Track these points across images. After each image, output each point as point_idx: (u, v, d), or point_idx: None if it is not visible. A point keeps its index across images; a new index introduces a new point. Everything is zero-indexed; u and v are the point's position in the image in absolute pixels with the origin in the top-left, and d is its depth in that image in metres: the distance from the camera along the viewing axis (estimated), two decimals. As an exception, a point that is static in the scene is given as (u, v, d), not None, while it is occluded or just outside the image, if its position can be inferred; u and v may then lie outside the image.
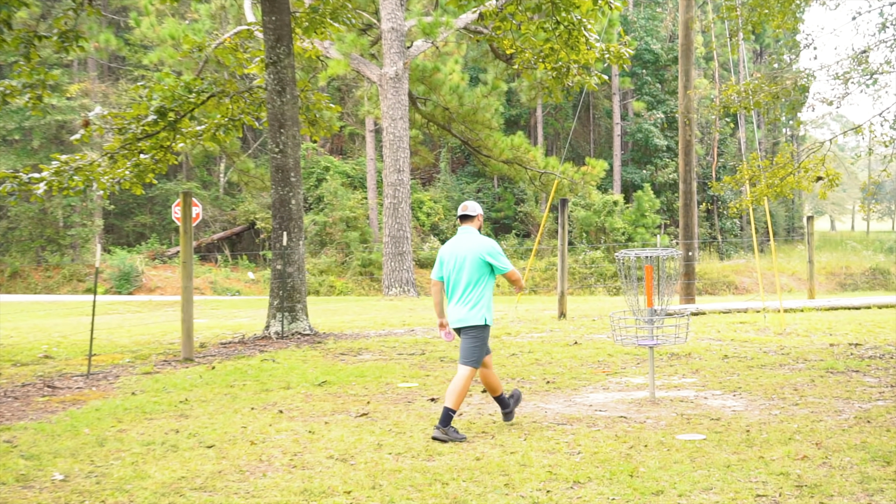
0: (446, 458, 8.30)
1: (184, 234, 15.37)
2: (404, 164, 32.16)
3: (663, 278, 11.33)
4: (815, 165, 16.43)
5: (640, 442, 8.83)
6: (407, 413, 10.46)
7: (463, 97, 37.01)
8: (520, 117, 59.21)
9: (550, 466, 7.95)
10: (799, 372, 12.91)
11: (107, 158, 19.07)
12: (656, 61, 58.42)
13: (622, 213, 50.33)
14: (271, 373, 13.48)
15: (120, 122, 19.30)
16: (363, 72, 33.41)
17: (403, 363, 14.39)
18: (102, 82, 51.68)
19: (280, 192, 17.71)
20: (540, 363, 14.17)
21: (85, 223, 46.30)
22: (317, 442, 9.04)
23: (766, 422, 9.64)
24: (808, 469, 7.73)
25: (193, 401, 11.47)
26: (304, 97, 21.29)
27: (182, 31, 32.43)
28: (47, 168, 18.10)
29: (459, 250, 9.56)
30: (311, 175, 50.08)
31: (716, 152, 57.39)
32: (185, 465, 8.28)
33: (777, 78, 16.55)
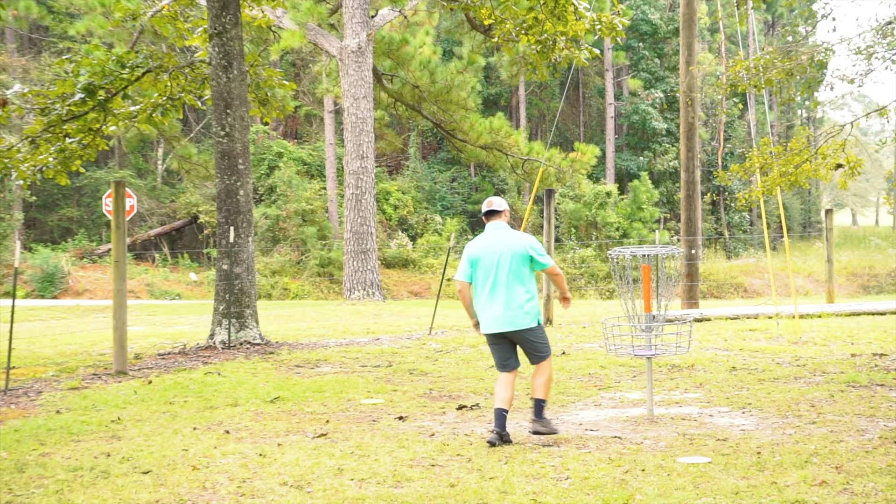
0: (416, 485, 8.30)
1: (116, 229, 15.29)
2: (368, 149, 32.14)
3: (663, 280, 11.37)
4: (834, 151, 16.51)
5: (636, 465, 8.85)
6: (371, 433, 10.46)
7: (435, 73, 36.99)
8: (500, 97, 59.28)
9: (535, 494, 7.97)
10: (816, 386, 12.97)
11: (27, 143, 18.95)
12: (654, 33, 58.63)
13: (616, 205, 50.54)
14: (216, 388, 13.45)
15: (42, 101, 19.18)
16: (321, 44, 33.38)
17: (367, 376, 14.39)
18: (23, 56, 51.39)
19: (226, 182, 17.66)
20: (522, 376, 14.19)
21: (2, 217, 46.02)
22: (268, 467, 9.03)
23: (779, 442, 9.68)
24: (827, 496, 7.76)
25: (127, 420, 11.42)
26: (254, 73, 21.23)
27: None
28: (-42, 154, 17.98)
29: (496, 246, 9.87)
30: (262, 162, 49.99)
31: (722, 137, 57.68)
32: (118, 493, 8.24)
33: (791, 52, 16.62)
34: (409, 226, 51.06)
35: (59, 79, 19.85)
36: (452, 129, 38.75)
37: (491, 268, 9.83)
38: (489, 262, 9.85)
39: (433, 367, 15.33)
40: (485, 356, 16.31)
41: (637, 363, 14.89)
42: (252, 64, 20.96)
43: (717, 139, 59.51)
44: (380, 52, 35.95)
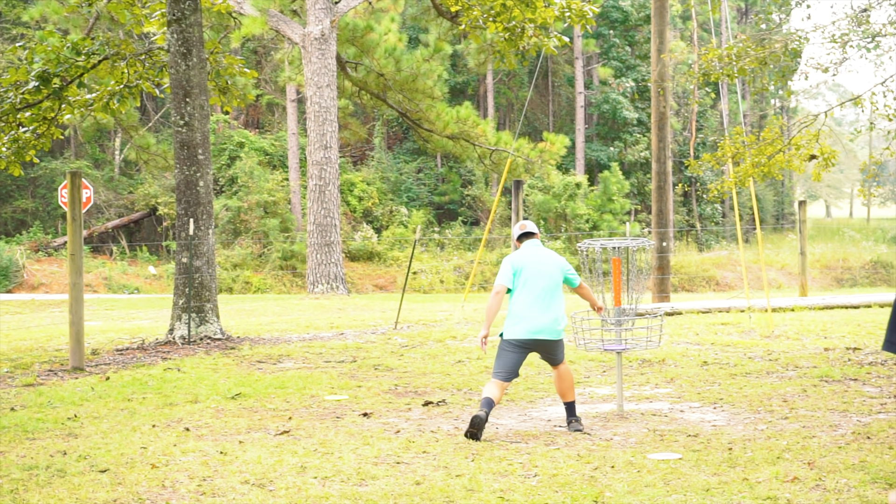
0: (381, 483, 8.30)
1: (72, 221, 15.22)
2: (332, 139, 32.10)
3: (633, 273, 11.41)
4: (807, 142, 16.60)
5: (605, 462, 8.89)
6: (335, 430, 10.46)
7: (400, 61, 36.94)
8: (467, 85, 59.26)
9: (502, 491, 7.99)
10: (789, 381, 13.05)
11: (-20, 132, 18.84)
12: (625, 21, 58.74)
13: (586, 196, 50.60)
14: (176, 384, 13.42)
15: (-5, 89, 19.09)
16: (283, 31, 33.30)
17: (331, 372, 14.38)
18: (-26, 42, 51.04)
19: (186, 173, 17.61)
20: (490, 371, 14.22)
21: (-46, 209, 45.88)
22: (229, 465, 9.02)
23: (751, 438, 9.74)
24: (799, 493, 7.81)
25: (84, 417, 11.39)
26: (214, 60, 21.15)
27: (69, -18, 32.12)
28: None
29: (542, 259, 10.57)
30: (223, 152, 49.82)
31: (694, 127, 57.85)
32: (74, 492, 8.22)
33: (765, 41, 16.69)
34: (374, 218, 50.98)
35: (12, 66, 19.74)
36: (418, 119, 38.71)
37: (538, 278, 10.38)
38: (535, 272, 10.42)
39: (399, 362, 15.34)
40: (451, 351, 16.33)
41: (607, 358, 14.95)
42: (212, 51, 20.88)
43: (688, 129, 59.68)
44: (344, 39, 35.88)
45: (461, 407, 11.76)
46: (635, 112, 57.71)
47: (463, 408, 11.70)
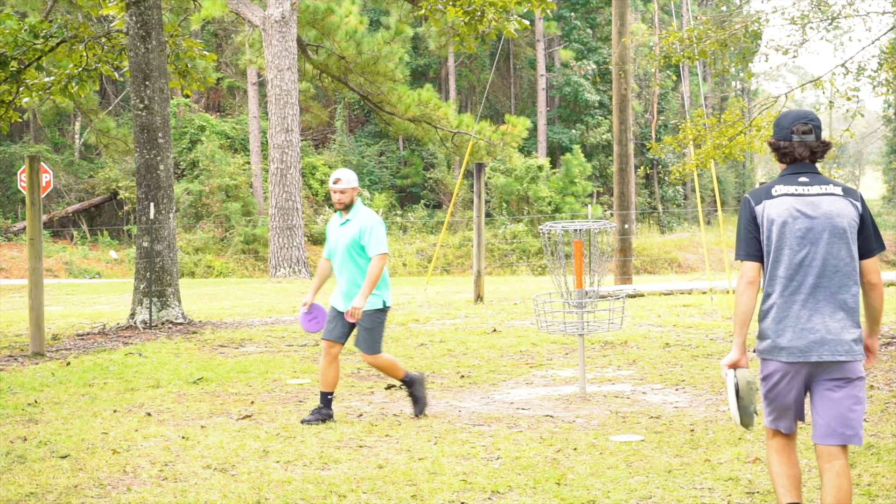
0: (344, 467, 8.30)
1: (31, 206, 15.13)
2: (293, 122, 32.01)
3: (595, 255, 11.43)
4: (768, 124, 16.65)
5: (568, 444, 8.91)
6: (298, 414, 10.46)
7: (361, 44, 36.89)
8: (428, 68, 59.24)
9: (465, 474, 7.99)
10: (751, 362, 13.11)
11: (-63, 116, 18.71)
12: (587, 3, 58.85)
13: (548, 179, 50.67)
14: (137, 369, 13.38)
15: (-48, 73, 18.97)
16: (243, 13, 33.17)
17: (294, 356, 14.37)
18: (-69, 25, 50.59)
19: (146, 157, 17.53)
20: (453, 354, 14.24)
21: (-88, 193, 45.66)
22: (191, 449, 9.00)
23: (713, 420, 9.79)
24: (760, 473, 7.86)
25: (44, 403, 11.34)
26: (174, 43, 21.05)
27: (27, -35, 31.87)
28: None
29: None
30: (184, 136, 49.63)
31: (655, 109, 58.05)
32: (35, 478, 8.18)
33: (725, 23, 16.75)
34: (336, 201, 50.92)
35: (-31, 49, 19.56)
36: (380, 102, 38.67)
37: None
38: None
39: (361, 345, 15.34)
40: (414, 334, 16.34)
41: (569, 340, 14.98)
42: (171, 34, 20.77)
43: (650, 111, 59.90)
44: (304, 21, 35.80)
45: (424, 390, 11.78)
46: (597, 94, 57.83)
47: (426, 391, 11.70)
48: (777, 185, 5.98)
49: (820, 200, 5.87)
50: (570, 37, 59.12)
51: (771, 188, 6.00)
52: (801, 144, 5.94)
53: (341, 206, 9.95)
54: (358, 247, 9.84)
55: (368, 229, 9.78)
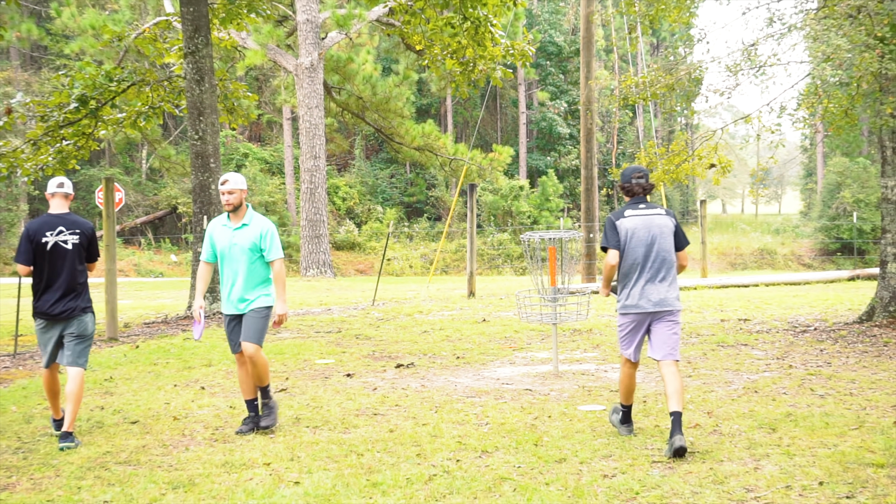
0: (361, 431, 8.31)
1: (107, 218, 15.17)
2: (320, 150, 32.02)
3: (566, 259, 11.44)
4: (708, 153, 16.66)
5: (544, 413, 8.92)
6: (324, 388, 10.46)
7: (376, 87, 36.90)
8: (430, 106, 59.18)
9: (460, 437, 8.01)
10: (692, 346, 13.12)
11: (30, 145, 18.72)
12: (559, 53, 58.76)
13: (528, 197, 50.65)
14: (193, 351, 13.38)
15: (42, 109, 18.95)
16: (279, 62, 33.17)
17: (321, 341, 14.37)
18: (25, 71, 50.60)
19: (200, 178, 17.54)
20: (450, 339, 14.24)
21: (10, 208, 45.63)
22: (238, 417, 9.01)
23: (661, 393, 9.79)
24: (700, 436, 7.87)
25: (118, 378, 11.35)
26: (223, 86, 21.06)
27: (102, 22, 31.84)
28: (-29, 155, 17.73)
29: None
30: (231, 161, 49.60)
31: (615, 140, 57.98)
32: (111, 440, 8.20)
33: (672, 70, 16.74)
34: (356, 215, 50.88)
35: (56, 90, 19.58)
36: (391, 134, 38.68)
37: None
38: None
39: (376, 332, 15.34)
40: (418, 323, 16.34)
41: (544, 328, 14.98)
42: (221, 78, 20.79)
43: (611, 142, 59.80)
44: (329, 68, 35.81)
45: (427, 369, 11.78)
46: (567, 128, 57.77)
47: (428, 369, 11.71)
48: (627, 209, 7.94)
49: (652, 218, 7.87)
50: (546, 81, 59.07)
51: (623, 211, 7.95)
52: (637, 185, 8.00)
53: (230, 208, 8.52)
54: (256, 250, 8.48)
55: (269, 235, 8.52)
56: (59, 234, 8.51)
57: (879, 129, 14.07)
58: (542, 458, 7.27)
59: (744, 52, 14.98)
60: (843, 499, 6.16)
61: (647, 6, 16.61)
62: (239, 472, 7.12)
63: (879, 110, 13.59)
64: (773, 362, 11.57)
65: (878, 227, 20.11)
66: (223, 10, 20.13)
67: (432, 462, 7.25)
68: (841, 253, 45.45)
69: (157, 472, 7.16)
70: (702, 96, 17.31)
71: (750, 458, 7.18)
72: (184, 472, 7.16)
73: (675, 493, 6.35)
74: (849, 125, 14.99)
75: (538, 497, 6.30)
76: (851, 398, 9.23)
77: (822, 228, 47.88)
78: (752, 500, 6.18)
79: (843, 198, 47.38)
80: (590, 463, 7.14)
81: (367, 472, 7.01)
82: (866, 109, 14.16)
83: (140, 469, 7.27)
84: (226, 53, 31.64)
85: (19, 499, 6.56)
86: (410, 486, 6.62)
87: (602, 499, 6.27)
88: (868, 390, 9.60)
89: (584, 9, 25.05)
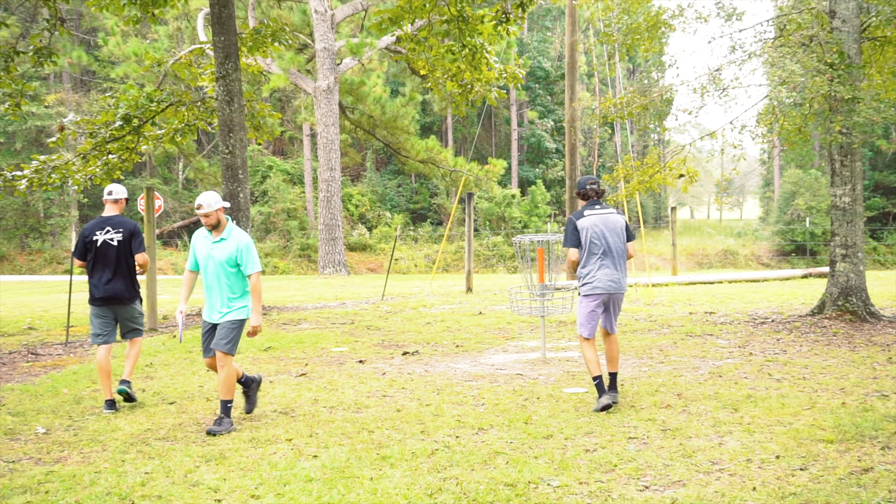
0: (372, 410, 8.32)
1: (147, 223, 15.18)
2: (336, 163, 32.02)
3: (553, 259, 11.44)
4: (677, 165, 16.66)
5: (533, 395, 8.93)
6: (339, 373, 10.47)
7: (385, 107, 36.94)
8: (433, 124, 59.11)
9: (459, 416, 8.01)
10: (664, 336, 13.13)
11: (80, 158, 18.73)
12: (547, 77, 58.72)
13: (519, 204, 50.57)
14: (224, 340, 13.37)
15: (91, 127, 18.97)
16: (300, 85, 33.17)
17: (336, 331, 14.38)
18: (75, 93, 50.63)
19: (230, 187, 17.54)
20: (450, 330, 14.25)
21: (62, 214, 45.74)
22: (263, 398, 9.01)
23: (636, 377, 9.80)
24: (670, 416, 7.88)
25: (157, 364, 11.36)
26: (250, 106, 21.06)
27: (144, 49, 31.86)
28: (28, 167, 17.74)
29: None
30: (257, 173, 49.57)
31: (596, 154, 57.95)
32: (151, 418, 8.21)
33: (646, 92, 16.74)
34: (367, 220, 50.80)
35: (103, 110, 19.61)
36: (398, 148, 38.70)
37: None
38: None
39: (385, 324, 15.35)
40: (422, 316, 16.34)
41: (534, 320, 15.00)
42: (248, 99, 20.79)
43: (592, 156, 59.75)
44: (344, 90, 35.82)
45: (430, 356, 11.78)
46: (554, 143, 57.71)
47: (431, 356, 11.72)
48: (585, 210, 8.49)
49: (607, 216, 8.43)
50: (535, 102, 59.02)
51: (582, 212, 8.48)
52: (591, 190, 8.57)
53: (210, 227, 8.04)
54: (233, 264, 7.99)
55: (245, 249, 8.00)
56: (106, 233, 8.96)
57: (829, 144, 14.10)
58: (532, 435, 7.27)
59: (709, 76, 14.99)
60: (797, 471, 6.17)
61: (624, 36, 16.62)
62: (264, 446, 7.13)
63: (829, 128, 13.61)
64: (736, 350, 11.58)
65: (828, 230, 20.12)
66: (251, 40, 20.16)
67: (435, 438, 7.26)
68: (795, 254, 45.38)
69: (191, 447, 7.17)
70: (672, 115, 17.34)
71: (715, 434, 7.19)
72: (215, 446, 7.16)
73: (649, 466, 6.36)
74: (802, 141, 14.99)
75: (528, 469, 6.31)
76: (805, 382, 9.24)
77: (778, 232, 47.79)
78: (716, 472, 6.19)
79: (797, 205, 47.32)
80: (573, 439, 7.15)
81: (377, 446, 7.02)
82: (818, 127, 14.17)
83: (177, 444, 7.28)
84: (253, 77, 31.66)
85: (70, 470, 6.58)
86: (415, 459, 6.63)
87: (584, 471, 6.28)
88: (819, 375, 9.61)
89: (569, 38, 25.07)
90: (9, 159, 43.88)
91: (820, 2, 14.94)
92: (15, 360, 12.08)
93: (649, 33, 16.25)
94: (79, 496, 5.98)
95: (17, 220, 45.37)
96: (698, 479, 6.04)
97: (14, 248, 44.84)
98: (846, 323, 13.50)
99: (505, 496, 5.76)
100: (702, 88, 15.00)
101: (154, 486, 6.15)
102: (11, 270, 42.50)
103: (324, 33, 31.43)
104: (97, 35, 43.32)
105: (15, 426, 8.05)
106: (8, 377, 10.74)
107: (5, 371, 11.23)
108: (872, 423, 7.36)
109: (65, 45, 42.00)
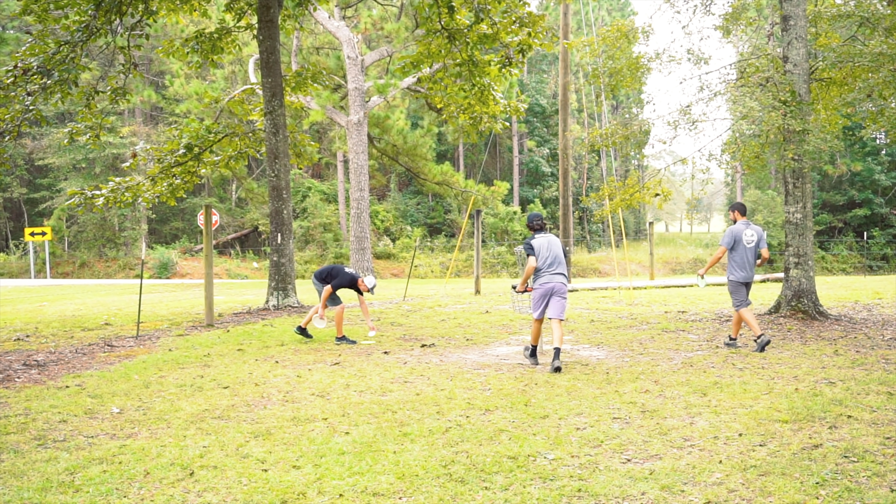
0: (395, 394, 8.31)
1: (206, 235, 15.21)
2: (365, 184, 32.02)
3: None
4: (654, 186, 16.63)
5: (532, 381, 8.90)
6: (367, 362, 10.46)
7: (406, 137, 36.94)
8: (447, 151, 59.14)
9: (469, 399, 8.00)
10: (643, 331, 13.08)
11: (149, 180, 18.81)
12: (543, 112, 58.72)
13: (520, 219, 50.55)
14: (270, 334, 13.40)
15: (158, 154, 19.06)
16: (335, 118, 33.20)
17: (365, 326, 14.37)
18: (146, 125, 50.88)
19: (276, 205, 17.58)
20: (462, 326, 14.22)
21: (134, 227, 45.99)
22: (303, 383, 9.01)
23: (620, 366, 9.77)
24: (649, 399, 7.85)
25: (214, 355, 11.37)
26: (293, 137, 21.15)
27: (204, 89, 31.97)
28: (105, 187, 17.82)
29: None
30: (298, 193, 49.68)
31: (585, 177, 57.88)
32: (208, 400, 8.21)
33: (628, 124, 16.72)
34: (391, 233, 50.82)
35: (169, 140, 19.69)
36: (417, 172, 38.67)
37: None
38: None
39: (406, 320, 15.34)
40: (438, 314, 16.32)
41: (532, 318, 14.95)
42: (291, 131, 20.89)
43: (582, 178, 59.69)
44: (372, 123, 35.87)
45: (444, 348, 11.76)
46: (549, 168, 57.67)
47: (445, 348, 11.70)
48: (536, 235, 9.86)
49: (550, 238, 9.82)
50: (533, 133, 59.00)
51: (534, 236, 9.82)
52: (537, 224, 9.92)
53: None
54: None
55: None
56: None
57: (783, 169, 14.05)
58: (531, 415, 7.25)
59: (681, 111, 14.96)
60: (757, 446, 6.13)
61: (609, 78, 16.60)
62: (303, 424, 7.12)
63: (783, 155, 13.57)
64: (704, 343, 11.54)
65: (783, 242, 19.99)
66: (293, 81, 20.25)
67: (448, 418, 7.24)
68: (755, 261, 45.21)
69: (242, 425, 7.17)
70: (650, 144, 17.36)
71: (687, 415, 7.15)
72: (262, 424, 7.16)
73: (631, 442, 6.33)
74: (760, 166, 14.94)
75: (528, 444, 6.29)
76: (763, 370, 9.19)
77: (740, 243, 47.60)
78: (688, 447, 6.16)
79: (756, 221, 47.14)
80: (566, 419, 7.12)
81: (399, 425, 7.00)
82: (773, 154, 14.12)
83: (230, 422, 7.28)
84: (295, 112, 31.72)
85: (140, 444, 6.59)
86: (432, 436, 6.61)
87: (575, 446, 6.25)
88: (776, 365, 9.56)
89: (562, 79, 25.08)
90: (89, 181, 44.24)
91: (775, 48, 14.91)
92: (94, 351, 12.12)
93: (630, 75, 16.24)
94: (147, 466, 5.99)
95: (96, 233, 45.78)
96: (673, 454, 6.01)
97: (93, 256, 45.14)
98: (798, 321, 13.44)
99: (508, 467, 5.75)
100: (675, 122, 14.98)
101: (211, 458, 6.16)
102: (91, 275, 42.71)
103: (355, 75, 31.48)
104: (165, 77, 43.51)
105: (93, 406, 8.06)
106: (88, 365, 10.77)
107: (85, 360, 11.27)
108: (821, 406, 7.32)
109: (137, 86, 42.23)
